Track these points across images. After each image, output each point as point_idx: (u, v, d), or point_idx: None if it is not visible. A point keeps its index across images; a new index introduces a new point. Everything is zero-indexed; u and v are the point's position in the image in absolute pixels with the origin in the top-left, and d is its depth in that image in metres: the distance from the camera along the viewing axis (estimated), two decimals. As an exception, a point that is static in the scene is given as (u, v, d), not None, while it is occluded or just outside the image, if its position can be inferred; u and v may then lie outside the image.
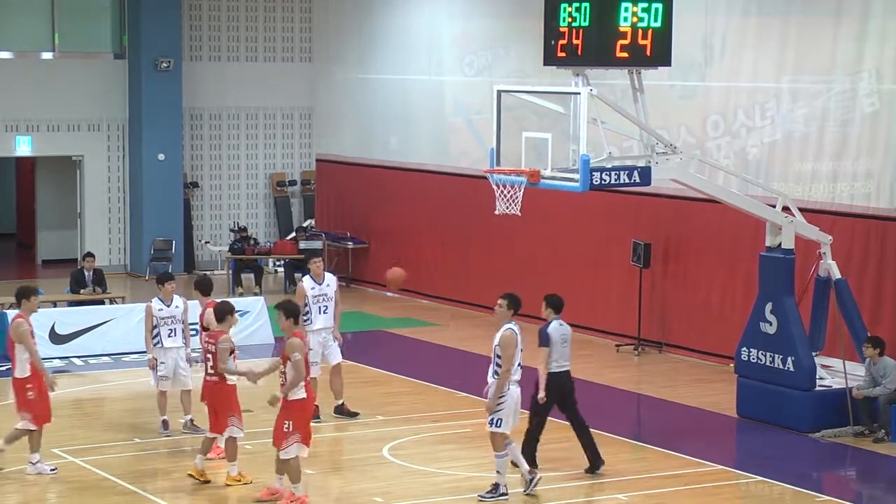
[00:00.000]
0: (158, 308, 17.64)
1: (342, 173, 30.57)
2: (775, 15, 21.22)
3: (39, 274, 30.97)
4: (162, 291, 17.76)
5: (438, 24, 28.00)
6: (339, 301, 18.54)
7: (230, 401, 15.68)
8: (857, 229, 20.03)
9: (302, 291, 18.30)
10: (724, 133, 22.02)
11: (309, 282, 18.33)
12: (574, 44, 16.67)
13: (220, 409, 15.68)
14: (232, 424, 15.60)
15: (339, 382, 18.57)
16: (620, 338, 23.50)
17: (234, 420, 15.62)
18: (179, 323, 17.68)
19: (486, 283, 25.89)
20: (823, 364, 18.75)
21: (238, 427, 15.64)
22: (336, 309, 18.43)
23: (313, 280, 18.31)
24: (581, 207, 24.01)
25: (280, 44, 32.15)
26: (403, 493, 15.40)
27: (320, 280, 18.32)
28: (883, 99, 19.74)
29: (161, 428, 17.59)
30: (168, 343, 17.60)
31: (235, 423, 15.62)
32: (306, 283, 18.32)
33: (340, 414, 18.54)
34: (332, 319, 18.34)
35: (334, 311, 18.38)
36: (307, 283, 18.33)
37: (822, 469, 17.37)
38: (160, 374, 17.59)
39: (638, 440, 17.98)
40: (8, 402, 20.18)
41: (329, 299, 18.31)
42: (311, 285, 18.28)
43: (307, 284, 18.30)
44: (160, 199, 30.49)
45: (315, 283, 18.29)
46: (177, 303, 17.75)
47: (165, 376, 17.59)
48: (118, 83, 30.65)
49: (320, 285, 18.30)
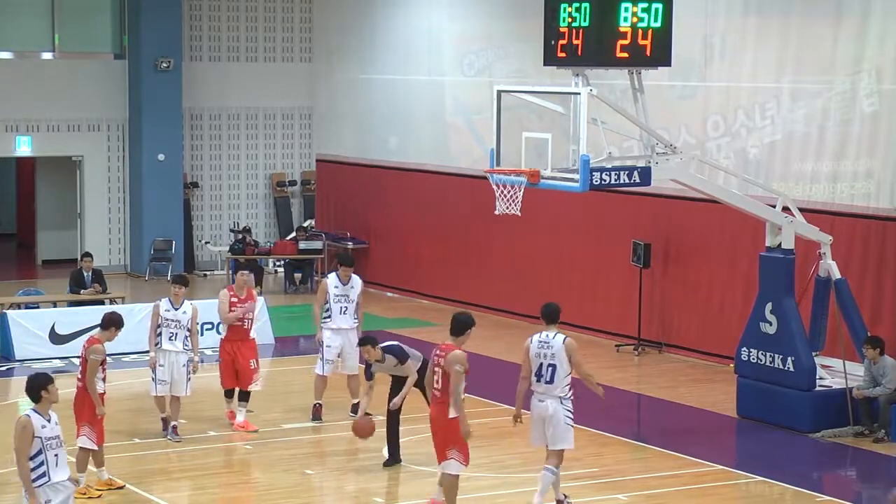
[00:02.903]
0: (166, 309, 17.53)
1: (342, 173, 30.58)
2: (775, 15, 21.22)
3: (39, 274, 30.97)
4: (172, 292, 17.67)
5: (438, 24, 28.01)
6: (360, 304, 18.60)
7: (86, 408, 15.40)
8: (857, 229, 20.03)
9: (324, 287, 18.42)
10: (724, 133, 22.02)
11: (334, 279, 18.42)
12: (574, 44, 16.67)
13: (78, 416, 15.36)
14: (83, 434, 15.35)
15: (356, 383, 18.58)
16: (620, 338, 23.50)
17: (86, 429, 15.38)
18: (184, 329, 17.48)
19: (487, 283, 25.90)
20: (823, 364, 18.75)
21: (89, 438, 15.29)
22: (358, 311, 18.50)
23: (339, 280, 18.39)
24: (581, 207, 24.01)
25: (280, 44, 32.15)
26: (403, 493, 15.40)
27: (346, 282, 18.40)
28: (883, 99, 19.74)
29: (163, 427, 17.56)
30: (167, 346, 17.48)
31: (87, 432, 15.35)
32: (330, 281, 18.43)
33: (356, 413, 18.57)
34: (351, 321, 18.41)
35: (355, 313, 18.43)
36: (331, 280, 18.43)
37: (822, 469, 17.37)
38: (158, 378, 17.47)
39: (638, 440, 17.98)
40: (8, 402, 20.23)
41: (350, 301, 18.38)
42: (335, 283, 18.39)
43: (331, 282, 18.40)
44: (160, 199, 30.49)
45: (340, 283, 18.38)
46: (185, 308, 17.54)
47: (163, 380, 17.47)
48: (118, 83, 30.65)
49: (345, 286, 18.37)
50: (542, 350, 14.33)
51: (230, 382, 18.18)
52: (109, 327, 15.62)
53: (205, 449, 17.21)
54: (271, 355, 22.65)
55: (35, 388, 11.77)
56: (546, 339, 14.38)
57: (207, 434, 17.80)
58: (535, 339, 14.43)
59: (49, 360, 22.19)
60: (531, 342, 14.42)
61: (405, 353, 16.13)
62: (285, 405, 19.31)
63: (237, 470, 16.86)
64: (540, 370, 14.33)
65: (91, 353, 15.40)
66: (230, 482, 16.26)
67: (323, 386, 18.43)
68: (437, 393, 13.94)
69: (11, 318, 22.45)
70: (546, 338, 14.39)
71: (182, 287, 17.65)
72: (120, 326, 15.73)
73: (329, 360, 18.29)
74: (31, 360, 22.14)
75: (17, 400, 20.39)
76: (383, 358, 16.15)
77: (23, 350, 22.27)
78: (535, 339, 14.43)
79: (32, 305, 24.20)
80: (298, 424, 18.30)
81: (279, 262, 30.54)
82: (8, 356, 22.26)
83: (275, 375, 21.48)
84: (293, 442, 17.66)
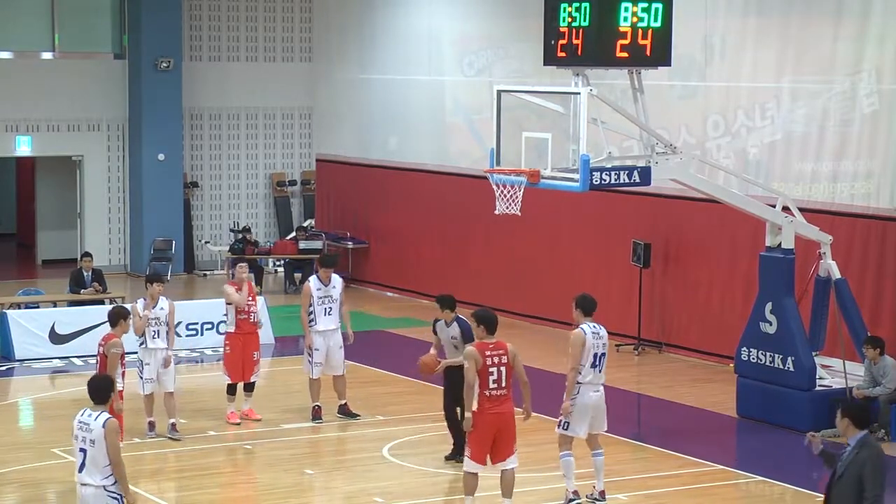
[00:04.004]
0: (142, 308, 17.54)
1: (342, 173, 30.58)
2: (775, 15, 21.22)
3: (39, 274, 30.97)
4: (148, 291, 17.69)
5: (438, 24, 28.01)
6: (344, 302, 18.61)
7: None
8: (857, 229, 20.03)
9: (308, 292, 18.39)
10: (724, 133, 22.02)
11: (315, 282, 18.41)
12: (574, 44, 16.66)
13: None
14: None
15: (342, 383, 18.63)
16: (620, 338, 23.48)
17: None
18: (164, 325, 17.52)
19: (487, 283, 25.89)
20: (823, 364, 18.75)
21: None
22: (342, 309, 18.52)
23: (320, 281, 18.39)
24: (581, 207, 24.01)
25: (280, 44, 32.15)
26: (403, 493, 15.40)
27: (327, 282, 18.40)
28: (883, 99, 19.74)
29: (147, 430, 17.53)
30: (152, 344, 17.50)
31: None
32: (312, 284, 18.42)
33: (343, 414, 18.57)
34: (336, 321, 18.41)
35: (339, 311, 18.44)
36: (313, 283, 18.41)
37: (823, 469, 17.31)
38: (146, 377, 17.50)
39: (638, 440, 17.98)
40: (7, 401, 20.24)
41: (334, 301, 18.38)
42: (317, 286, 18.36)
43: (313, 285, 18.39)
44: (160, 199, 30.48)
45: (321, 285, 18.37)
46: (162, 304, 17.59)
47: (150, 379, 17.49)
48: (118, 83, 30.65)
49: (326, 287, 18.37)
50: (596, 340, 14.72)
51: (238, 376, 18.24)
52: (118, 321, 15.66)
53: (205, 449, 17.20)
54: (271, 355, 22.65)
55: (103, 391, 11.64)
56: (597, 329, 14.79)
57: (207, 434, 17.80)
58: (586, 329, 14.70)
59: (49, 359, 22.20)
60: (585, 333, 14.67)
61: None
62: (285, 405, 19.31)
63: (237, 470, 16.86)
64: (595, 360, 14.69)
65: (110, 348, 15.37)
66: (230, 482, 16.27)
67: (318, 388, 18.46)
68: (498, 392, 13.80)
69: (11, 318, 22.45)
70: (596, 328, 14.79)
71: (161, 285, 17.74)
72: (128, 317, 15.86)
73: (318, 362, 18.31)
74: (30, 359, 22.14)
75: (17, 400, 20.41)
76: (451, 323, 16.20)
77: (23, 350, 22.27)
78: (586, 329, 14.70)
79: (32, 305, 24.20)
80: (298, 424, 18.30)
81: (279, 262, 30.54)
82: (8, 356, 22.25)
83: (275, 375, 21.47)
84: (293, 442, 17.67)
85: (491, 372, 13.77)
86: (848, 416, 10.69)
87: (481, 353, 13.79)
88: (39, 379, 21.38)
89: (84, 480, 11.38)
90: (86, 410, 11.45)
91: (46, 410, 19.44)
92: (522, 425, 14.17)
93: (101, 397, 11.47)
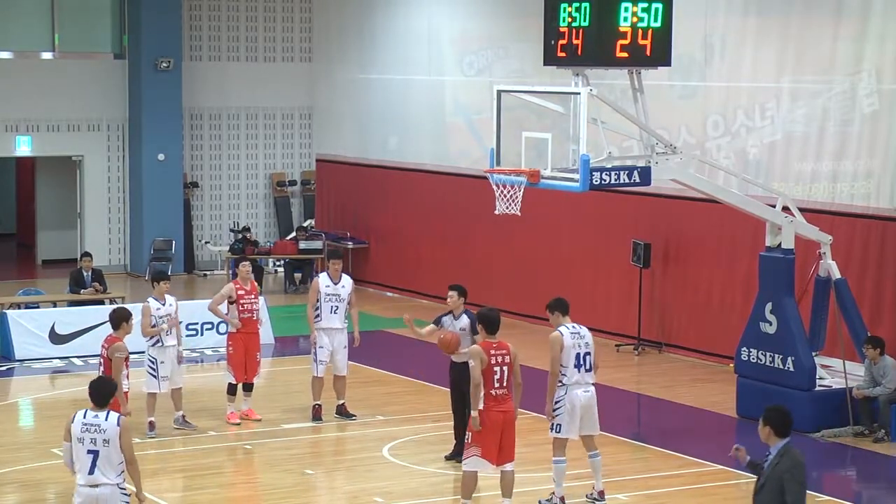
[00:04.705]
0: (156, 307, 17.58)
1: (342, 173, 30.58)
2: (775, 15, 21.22)
3: (39, 274, 30.98)
4: (156, 290, 17.72)
5: (438, 24, 28.01)
6: (353, 303, 18.57)
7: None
8: (857, 229, 20.03)
9: (316, 287, 18.33)
10: (724, 133, 22.02)
11: (325, 279, 18.36)
12: (574, 44, 16.66)
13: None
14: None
15: (341, 384, 18.60)
16: (620, 338, 23.50)
17: None
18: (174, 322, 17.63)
19: (487, 283, 25.88)
20: (823, 364, 18.75)
21: None
22: (351, 310, 18.47)
23: (329, 279, 18.35)
24: (581, 207, 24.01)
25: (280, 44, 32.15)
26: (403, 493, 15.39)
27: (336, 280, 18.36)
28: (883, 99, 19.74)
29: (147, 429, 17.52)
30: (167, 342, 17.56)
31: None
32: (321, 280, 18.34)
33: (339, 414, 18.56)
34: (342, 321, 18.36)
35: (346, 312, 18.38)
36: (322, 280, 18.35)
37: (822, 469, 17.35)
38: (161, 375, 17.52)
39: (638, 440, 17.98)
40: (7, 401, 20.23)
41: (342, 300, 18.31)
42: (326, 283, 18.30)
43: (322, 282, 18.32)
44: (160, 199, 30.48)
45: (331, 282, 18.32)
46: (170, 301, 17.67)
47: (165, 377, 17.53)
48: (118, 83, 30.65)
49: (335, 285, 18.33)
50: (577, 340, 14.57)
51: (242, 376, 18.27)
52: (121, 323, 15.63)
53: (205, 449, 17.20)
54: (271, 355, 22.64)
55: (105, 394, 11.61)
56: (576, 329, 14.62)
57: (207, 434, 17.80)
58: (563, 330, 14.56)
59: (49, 359, 22.20)
60: (563, 334, 14.53)
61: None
62: (285, 405, 19.31)
63: (237, 470, 16.87)
64: (578, 360, 14.55)
65: (114, 351, 15.36)
66: (230, 482, 16.26)
67: (320, 387, 18.42)
68: (501, 392, 13.81)
69: (11, 318, 22.45)
70: (576, 328, 14.63)
71: (167, 283, 17.83)
72: (130, 318, 15.79)
73: (322, 360, 18.27)
74: (30, 359, 22.14)
75: (17, 400, 20.41)
76: (459, 316, 16.14)
77: (23, 350, 22.26)
78: (563, 330, 14.56)
79: (32, 305, 24.20)
80: (298, 424, 18.30)
81: (279, 262, 30.54)
82: (8, 356, 22.25)
83: (275, 375, 21.48)
84: (293, 442, 17.67)
85: (495, 371, 13.79)
86: (769, 424, 10.28)
87: (486, 353, 13.82)
88: (39, 379, 21.38)
89: (98, 481, 11.35)
90: (87, 412, 11.43)
91: (46, 410, 19.44)
92: (522, 425, 14.16)
93: (102, 400, 11.45)
